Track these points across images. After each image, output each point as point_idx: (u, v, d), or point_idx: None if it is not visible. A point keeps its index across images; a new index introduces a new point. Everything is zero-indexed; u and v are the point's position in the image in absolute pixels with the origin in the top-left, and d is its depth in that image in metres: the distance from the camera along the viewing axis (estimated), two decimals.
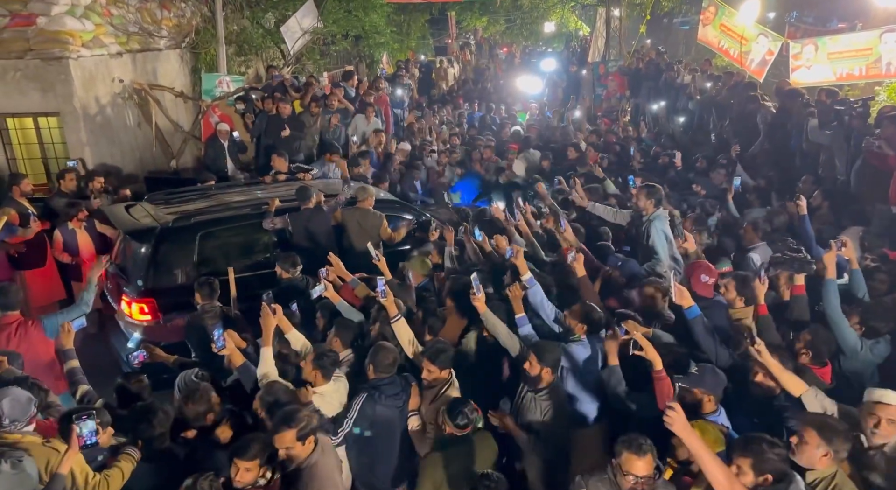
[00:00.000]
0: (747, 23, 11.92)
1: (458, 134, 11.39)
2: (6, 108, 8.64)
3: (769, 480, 2.79)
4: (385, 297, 4.29)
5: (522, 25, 21.98)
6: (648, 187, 5.77)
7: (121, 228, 6.27)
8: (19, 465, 2.82)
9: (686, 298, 4.03)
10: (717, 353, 3.97)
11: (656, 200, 5.66)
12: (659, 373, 3.62)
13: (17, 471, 2.81)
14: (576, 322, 4.18)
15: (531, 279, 4.47)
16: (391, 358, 3.96)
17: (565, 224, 5.41)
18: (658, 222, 5.54)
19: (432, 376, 3.90)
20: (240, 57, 12.30)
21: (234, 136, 9.32)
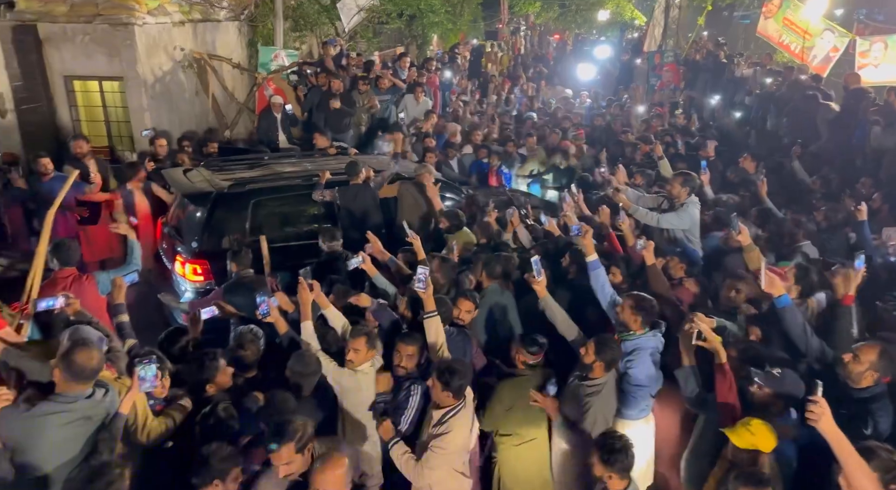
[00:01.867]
0: (813, 17, 11.54)
1: (506, 115, 11.34)
2: (74, 70, 8.96)
3: None
4: (424, 288, 3.92)
5: (577, 12, 21.62)
6: (684, 174, 5.74)
7: (179, 191, 6.48)
8: (108, 394, 3.01)
9: (777, 287, 3.87)
10: (809, 343, 3.83)
11: (691, 188, 5.63)
12: (722, 366, 3.50)
13: (106, 399, 3.00)
14: (630, 315, 4.01)
15: (596, 261, 4.40)
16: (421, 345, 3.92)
17: (624, 216, 5.28)
18: (692, 208, 5.53)
19: (444, 400, 3.54)
20: (295, 32, 12.44)
21: (288, 109, 9.49)
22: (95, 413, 2.92)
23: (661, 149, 7.60)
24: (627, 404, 4.00)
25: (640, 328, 4.01)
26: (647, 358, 3.98)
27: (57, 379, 2.89)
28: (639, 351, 3.98)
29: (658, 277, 4.66)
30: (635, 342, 4.00)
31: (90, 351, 2.89)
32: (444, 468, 3.55)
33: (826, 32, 11.38)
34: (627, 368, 3.97)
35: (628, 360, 3.97)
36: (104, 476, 2.55)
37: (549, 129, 9.79)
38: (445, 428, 3.51)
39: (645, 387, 3.99)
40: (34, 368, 3.21)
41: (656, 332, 4.04)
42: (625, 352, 3.97)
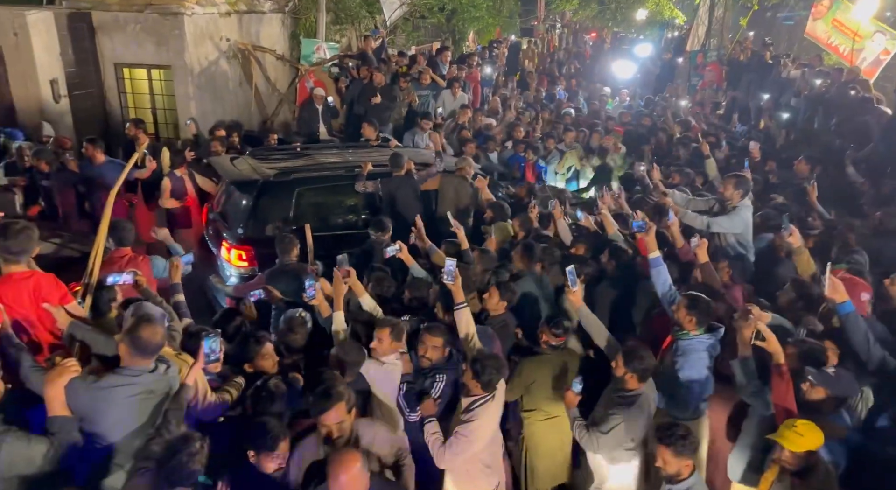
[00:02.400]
0: (863, 19, 11.26)
1: (546, 112, 11.30)
2: (124, 58, 9.20)
3: None
4: (452, 280, 3.95)
5: (617, 10, 21.40)
6: (738, 177, 5.57)
7: (226, 178, 6.61)
8: (170, 370, 3.11)
9: (841, 293, 3.77)
10: (871, 351, 3.73)
11: (744, 191, 5.46)
12: (780, 367, 3.42)
13: (168, 375, 3.10)
14: (685, 315, 3.93)
15: (658, 258, 4.34)
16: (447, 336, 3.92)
17: (673, 217, 5.13)
18: (745, 211, 5.40)
19: (475, 390, 3.61)
20: (335, 25, 12.55)
21: (329, 101, 9.60)
22: (158, 387, 3.02)
23: (707, 148, 7.47)
24: (677, 405, 3.97)
25: (694, 328, 3.93)
26: (699, 360, 3.92)
27: (122, 353, 2.99)
28: (691, 352, 3.92)
29: (712, 276, 4.59)
30: (688, 343, 3.94)
31: (154, 327, 2.99)
32: (465, 456, 3.57)
33: (877, 34, 11.10)
34: (678, 369, 3.92)
35: (680, 361, 3.92)
36: (187, 446, 2.65)
37: (586, 127, 9.74)
38: (472, 415, 3.56)
39: (695, 387, 3.94)
40: (100, 342, 3.33)
41: (712, 335, 3.96)
42: (677, 351, 3.93)
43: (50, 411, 2.81)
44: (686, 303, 3.95)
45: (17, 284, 3.44)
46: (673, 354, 3.99)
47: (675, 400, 3.97)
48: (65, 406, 2.83)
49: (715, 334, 3.97)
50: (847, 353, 3.77)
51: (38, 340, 3.52)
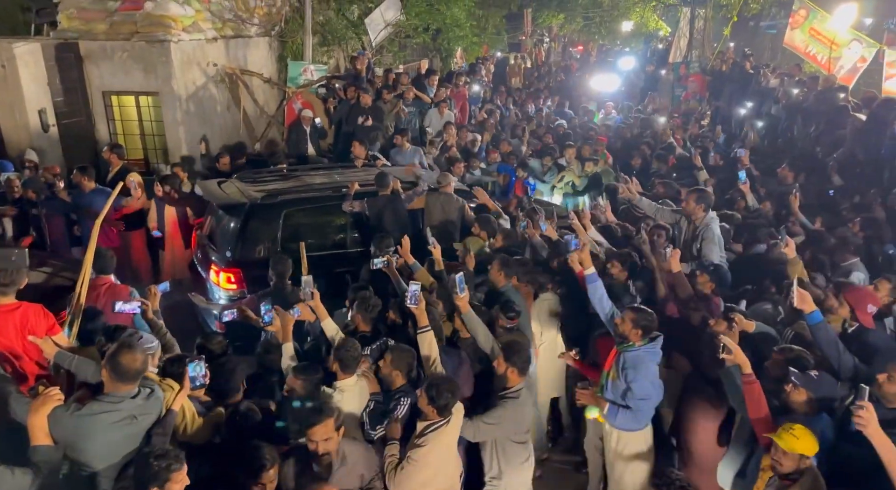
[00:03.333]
0: (840, 28, 11.47)
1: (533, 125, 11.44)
2: (112, 86, 9.30)
3: None
4: (416, 304, 3.96)
5: (601, 23, 21.70)
6: (699, 191, 5.69)
7: (214, 202, 6.68)
8: (153, 395, 3.15)
9: (808, 303, 3.86)
10: (842, 360, 3.81)
11: (706, 205, 5.59)
12: (748, 377, 3.49)
13: (152, 400, 3.14)
14: (631, 328, 4.03)
15: (593, 274, 4.44)
16: (413, 358, 3.96)
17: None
18: (714, 225, 5.51)
19: (430, 413, 3.59)
20: (323, 47, 12.71)
21: (317, 122, 9.71)
22: (142, 413, 3.06)
23: (699, 159, 7.56)
24: (635, 418, 4.05)
25: (639, 339, 4.04)
26: (649, 369, 4.02)
27: (105, 379, 3.04)
28: (640, 363, 4.00)
29: (684, 286, 4.68)
30: (636, 353, 4.02)
31: (134, 353, 3.04)
32: (416, 481, 3.54)
33: (853, 43, 11.31)
34: (631, 382, 3.98)
35: (631, 373, 3.99)
36: (164, 458, 2.70)
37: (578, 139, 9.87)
38: (423, 441, 3.55)
39: (651, 399, 4.05)
40: (85, 369, 3.38)
41: (654, 343, 4.07)
42: (625, 364, 4.02)
43: (33, 440, 2.84)
44: (632, 316, 4.04)
45: (4, 316, 3.50)
46: (621, 368, 4.04)
47: (634, 413, 4.03)
48: (48, 435, 2.85)
49: (656, 342, 4.07)
50: (821, 361, 3.84)
51: (23, 371, 3.56)
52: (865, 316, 4.12)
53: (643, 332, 4.02)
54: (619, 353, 4.08)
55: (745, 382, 3.51)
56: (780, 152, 9.46)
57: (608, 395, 4.12)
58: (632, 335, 4.03)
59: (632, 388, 3.98)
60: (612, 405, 4.09)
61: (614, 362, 4.12)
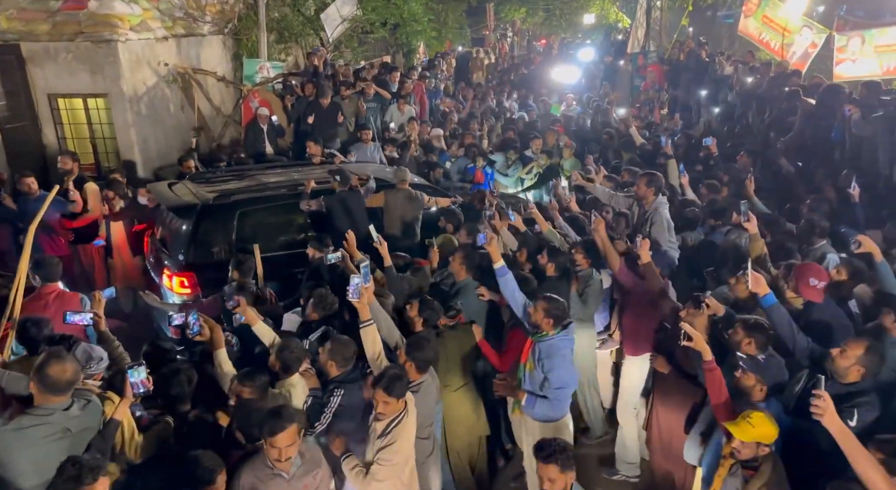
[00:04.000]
0: (792, 15, 11.68)
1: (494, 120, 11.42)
2: (58, 88, 8.98)
3: None
4: (357, 297, 3.87)
5: (562, 16, 21.82)
6: (649, 175, 5.72)
7: (164, 204, 6.50)
8: (88, 406, 3.03)
9: (762, 286, 3.90)
10: (796, 341, 3.84)
11: (657, 188, 5.63)
12: (709, 363, 3.50)
13: (88, 411, 3.02)
14: (543, 317, 4.05)
15: (503, 268, 4.42)
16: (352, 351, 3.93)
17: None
18: (663, 210, 5.53)
19: (389, 408, 3.52)
20: (280, 44, 12.50)
21: (274, 120, 9.53)
22: (75, 425, 2.93)
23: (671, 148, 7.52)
24: (553, 408, 4.07)
25: (552, 329, 4.06)
26: (565, 357, 4.06)
27: (34, 391, 2.91)
28: (556, 352, 4.02)
29: (653, 276, 4.65)
30: (550, 342, 4.04)
31: (63, 364, 2.91)
32: (390, 480, 3.57)
33: (804, 29, 11.52)
34: (548, 372, 4.00)
35: (547, 363, 4.00)
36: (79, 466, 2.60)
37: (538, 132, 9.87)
38: (390, 438, 3.52)
39: (568, 387, 4.10)
40: (17, 384, 3.23)
41: (567, 330, 4.11)
42: (540, 354, 4.04)
43: None
44: (544, 305, 4.04)
45: None
46: (537, 359, 4.05)
47: (551, 403, 4.04)
48: None
49: (569, 329, 4.10)
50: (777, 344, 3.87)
51: None
52: (809, 290, 4.12)
53: (555, 322, 4.04)
54: (534, 343, 4.10)
55: (706, 370, 3.51)
56: (737, 139, 9.58)
57: (526, 386, 4.14)
58: (544, 325, 4.05)
59: (549, 378, 4.00)
60: (530, 396, 4.09)
61: (530, 353, 4.14)
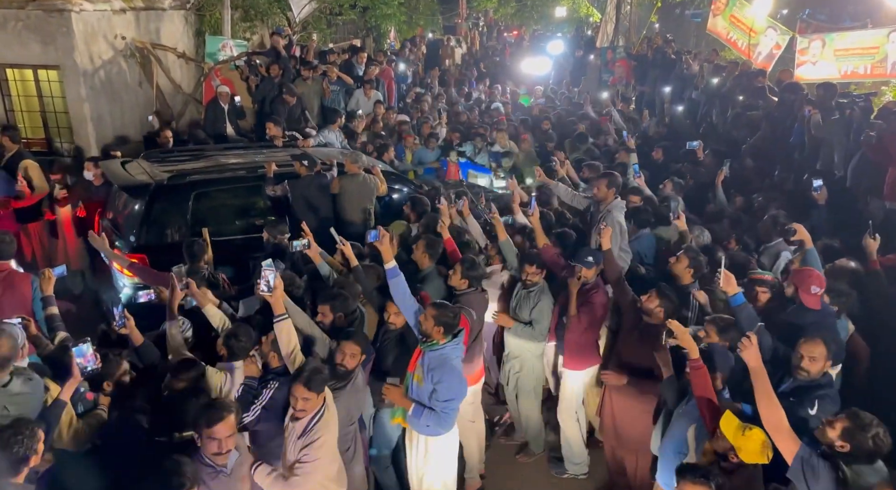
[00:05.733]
0: (758, 15, 11.86)
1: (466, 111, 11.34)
2: (6, 58, 8.58)
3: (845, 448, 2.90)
4: (268, 291, 3.67)
5: (533, 8, 21.79)
6: (608, 175, 5.66)
7: (116, 183, 6.26)
8: (29, 383, 2.93)
9: (732, 285, 3.93)
10: (761, 340, 3.79)
11: (616, 188, 5.57)
12: (695, 361, 3.43)
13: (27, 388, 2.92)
14: (432, 325, 3.83)
15: (394, 269, 4.13)
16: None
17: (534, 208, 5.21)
18: (617, 212, 5.44)
19: (309, 405, 3.38)
20: (245, 22, 12.15)
21: (236, 100, 9.28)
22: (14, 402, 2.78)
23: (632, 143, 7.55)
24: (439, 422, 3.85)
25: (442, 337, 3.86)
26: (455, 368, 3.90)
27: None
28: (447, 362, 3.85)
29: (613, 264, 4.67)
30: (440, 352, 3.86)
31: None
32: (315, 476, 3.41)
33: (769, 30, 11.72)
34: (437, 383, 3.79)
35: (437, 373, 3.80)
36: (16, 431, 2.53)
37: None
38: (313, 435, 3.37)
39: (456, 399, 3.91)
40: None
41: (458, 339, 3.95)
42: (430, 364, 3.84)
43: None
44: (434, 313, 3.84)
45: None
46: (426, 369, 3.84)
47: (438, 417, 3.83)
48: None
49: (459, 338, 3.94)
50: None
51: None
52: (809, 297, 4.14)
53: (445, 329, 3.84)
54: (423, 352, 3.89)
55: (692, 367, 3.44)
56: (702, 137, 9.69)
57: (413, 397, 3.94)
58: (434, 333, 3.84)
59: (437, 390, 3.79)
60: (416, 407, 3.87)
61: (419, 362, 3.92)
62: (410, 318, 4.12)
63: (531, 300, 4.76)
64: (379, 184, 6.66)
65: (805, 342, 3.55)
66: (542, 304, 4.75)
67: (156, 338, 4.08)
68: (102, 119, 9.07)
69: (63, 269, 4.32)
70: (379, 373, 4.26)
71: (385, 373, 4.26)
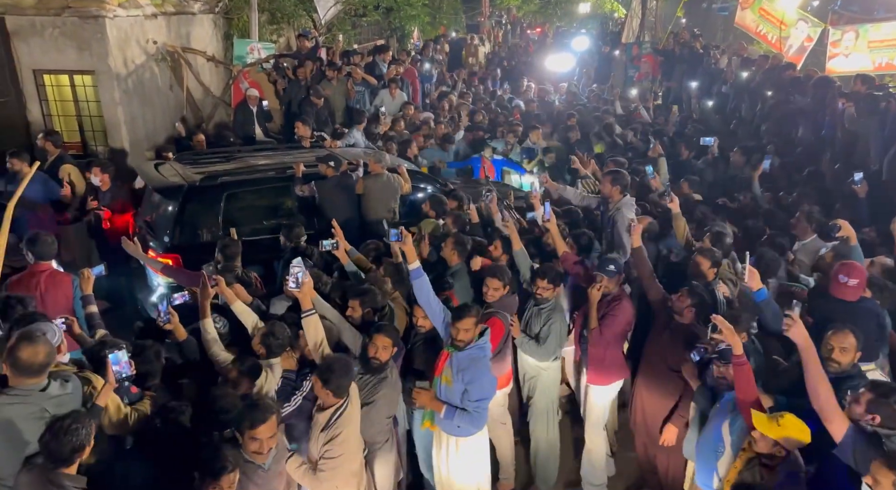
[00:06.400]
0: (788, 8, 11.65)
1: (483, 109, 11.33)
2: (44, 64, 8.80)
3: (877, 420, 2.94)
4: (297, 287, 3.80)
5: (557, 5, 21.67)
6: (615, 173, 5.58)
7: (150, 185, 6.41)
8: (67, 385, 2.97)
9: (756, 281, 3.91)
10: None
11: (622, 187, 5.47)
12: (739, 357, 3.34)
13: (66, 389, 2.97)
14: (458, 327, 3.80)
15: (418, 270, 4.03)
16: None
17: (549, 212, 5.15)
18: (626, 210, 5.36)
19: (328, 398, 3.46)
20: (271, 25, 12.31)
21: (264, 104, 9.42)
22: (53, 406, 2.87)
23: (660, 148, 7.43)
24: (473, 421, 3.85)
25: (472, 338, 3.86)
26: (485, 366, 3.87)
27: (8, 374, 2.85)
28: (476, 361, 3.81)
29: (644, 262, 4.59)
30: (469, 352, 3.81)
31: (35, 346, 2.85)
32: (341, 470, 3.48)
33: (800, 22, 11.50)
34: (469, 383, 3.76)
35: (467, 375, 3.77)
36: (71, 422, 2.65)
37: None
38: (335, 430, 3.43)
39: (487, 398, 3.91)
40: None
41: (484, 338, 3.91)
42: (459, 365, 3.80)
43: None
44: (456, 313, 3.84)
45: None
46: (456, 370, 3.81)
47: (471, 416, 3.82)
48: None
49: (485, 336, 3.90)
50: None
51: None
52: (839, 286, 4.10)
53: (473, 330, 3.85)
54: (451, 354, 3.86)
55: (736, 364, 3.35)
56: (731, 133, 9.56)
57: (443, 399, 3.89)
58: (463, 333, 3.81)
59: (469, 390, 3.76)
60: (448, 409, 3.83)
61: (447, 364, 3.88)
62: (436, 320, 4.07)
63: (542, 318, 4.52)
64: (403, 183, 6.70)
65: (834, 333, 3.50)
66: (553, 323, 4.50)
67: (191, 332, 4.21)
68: (135, 122, 9.27)
69: (101, 268, 4.43)
70: (410, 374, 4.30)
71: (418, 373, 4.29)
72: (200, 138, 8.21)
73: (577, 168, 6.84)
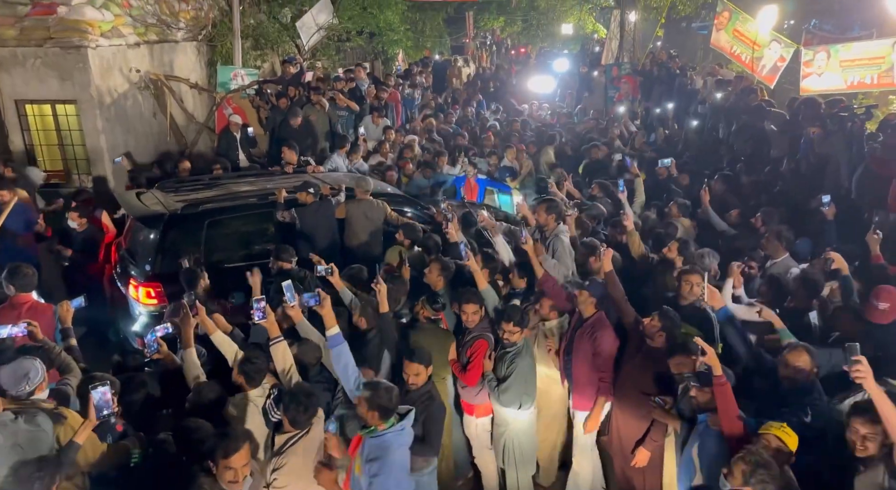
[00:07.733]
0: (761, 29, 11.92)
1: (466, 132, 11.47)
2: (26, 94, 8.85)
3: None
4: (263, 317, 3.85)
5: (539, 26, 22.03)
6: (548, 201, 5.62)
7: (131, 214, 6.43)
8: (34, 421, 2.94)
9: (717, 299, 3.99)
10: (748, 351, 3.93)
11: (557, 214, 5.48)
12: (719, 378, 3.32)
13: (33, 426, 2.94)
14: (365, 410, 3.29)
15: (336, 336, 3.74)
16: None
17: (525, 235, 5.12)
18: (563, 237, 5.40)
19: (286, 426, 3.42)
20: (255, 51, 12.45)
21: (249, 131, 9.49)
22: (27, 441, 2.86)
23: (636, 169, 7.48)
24: None
25: (380, 422, 3.29)
26: (395, 461, 3.25)
27: None
28: (387, 452, 3.23)
29: (616, 286, 4.56)
30: (381, 439, 3.27)
31: None
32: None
33: (773, 43, 11.75)
34: (373, 477, 3.17)
35: (373, 465, 3.20)
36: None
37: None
38: (283, 459, 3.34)
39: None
40: None
41: (403, 423, 3.35)
42: (369, 454, 3.26)
43: None
44: (366, 394, 3.30)
45: None
46: (365, 460, 3.27)
47: None
48: None
49: (405, 421, 3.36)
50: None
51: None
52: (873, 311, 4.09)
53: (380, 414, 3.26)
54: (363, 439, 3.34)
55: (717, 384, 3.34)
56: (709, 153, 9.73)
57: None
58: (370, 418, 3.29)
59: (372, 484, 3.16)
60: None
61: (358, 451, 3.37)
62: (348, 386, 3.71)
63: (506, 363, 4.30)
64: (387, 208, 6.76)
65: (790, 352, 3.59)
66: (517, 368, 4.26)
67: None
68: (118, 150, 9.29)
69: (81, 300, 4.40)
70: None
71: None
72: (186, 165, 8.25)
73: (554, 191, 6.93)
